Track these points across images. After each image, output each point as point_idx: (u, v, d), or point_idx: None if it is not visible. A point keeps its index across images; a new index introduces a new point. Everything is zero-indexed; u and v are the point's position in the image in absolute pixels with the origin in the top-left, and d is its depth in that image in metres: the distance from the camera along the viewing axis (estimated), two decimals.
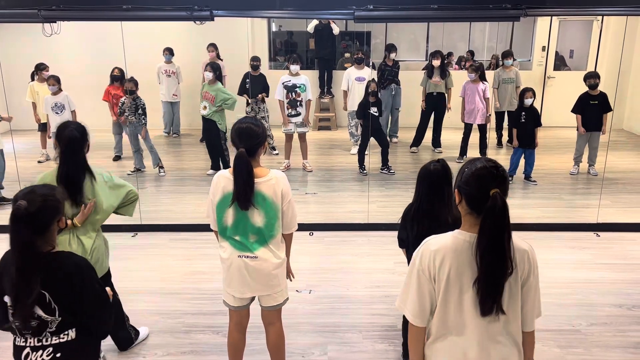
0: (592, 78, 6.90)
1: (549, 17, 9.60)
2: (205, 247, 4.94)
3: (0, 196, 6.11)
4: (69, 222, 2.90)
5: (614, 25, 9.47)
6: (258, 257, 2.80)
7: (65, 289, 2.06)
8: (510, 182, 6.75)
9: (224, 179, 2.78)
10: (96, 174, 3.04)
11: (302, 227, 3.03)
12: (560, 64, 10.40)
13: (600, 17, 9.46)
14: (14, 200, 2.03)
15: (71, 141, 2.92)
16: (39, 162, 7.70)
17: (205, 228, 2.98)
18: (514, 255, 1.83)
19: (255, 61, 7.81)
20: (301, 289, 4.26)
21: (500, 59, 8.34)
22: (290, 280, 3.07)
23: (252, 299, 2.98)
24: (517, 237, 1.88)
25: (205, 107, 6.93)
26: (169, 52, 8.72)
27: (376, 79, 7.77)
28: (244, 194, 2.69)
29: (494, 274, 1.80)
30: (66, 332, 2.11)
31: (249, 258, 2.80)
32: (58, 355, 2.11)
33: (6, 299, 2.07)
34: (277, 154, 8.15)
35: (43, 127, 7.67)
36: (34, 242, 2.00)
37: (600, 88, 6.98)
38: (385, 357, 3.47)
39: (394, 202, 6.13)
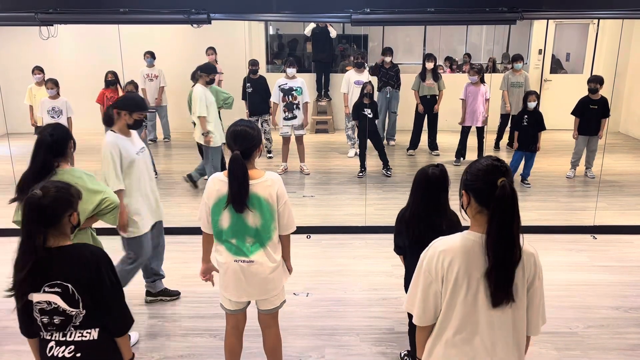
0: (593, 82, 6.89)
1: (545, 20, 9.63)
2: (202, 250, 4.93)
3: None
4: None
5: (610, 29, 9.50)
6: (254, 262, 2.80)
7: (85, 277, 2.10)
8: None
9: (219, 182, 2.78)
10: (67, 174, 2.99)
11: (300, 229, 3.02)
12: (556, 66, 10.43)
13: (596, 20, 9.50)
14: (30, 190, 2.08)
15: (36, 142, 3.03)
16: None
17: (201, 231, 2.98)
18: (523, 253, 1.85)
19: (254, 65, 7.79)
20: (298, 292, 4.26)
21: (507, 61, 8.35)
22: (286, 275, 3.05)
23: (249, 302, 2.97)
24: (524, 240, 1.89)
25: None
26: (151, 55, 8.63)
27: (372, 81, 7.79)
28: (239, 196, 2.69)
29: (505, 264, 1.81)
30: (89, 331, 2.14)
31: (245, 262, 2.79)
32: (78, 355, 2.14)
33: (31, 297, 2.11)
34: (270, 157, 8.12)
35: None
36: (40, 232, 2.05)
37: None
38: None
39: (391, 204, 6.13)
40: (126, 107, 3.65)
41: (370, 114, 6.94)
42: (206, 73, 6.16)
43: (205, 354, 3.54)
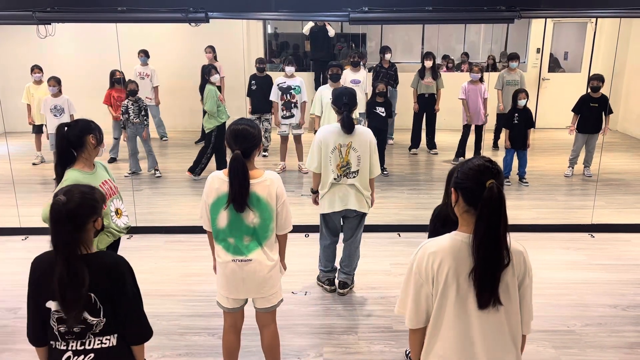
0: (596, 80, 6.87)
1: (544, 19, 9.64)
2: (201, 249, 4.92)
3: None
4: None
5: (607, 27, 9.52)
6: (252, 260, 2.80)
7: (108, 286, 2.06)
8: (508, 184, 6.77)
9: (218, 180, 2.78)
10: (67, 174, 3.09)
11: (298, 228, 3.03)
12: (554, 65, 10.44)
13: (594, 19, 9.51)
14: (54, 196, 2.03)
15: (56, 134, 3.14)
16: (34, 164, 7.66)
17: (200, 230, 2.99)
18: (511, 253, 1.85)
19: (261, 63, 7.82)
20: (297, 290, 4.26)
21: (505, 60, 8.32)
22: (281, 273, 3.06)
23: (247, 300, 2.98)
24: (512, 239, 1.89)
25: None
26: (144, 54, 8.54)
27: (371, 81, 7.79)
28: (240, 195, 2.69)
29: (491, 265, 1.81)
30: (108, 337, 2.10)
31: (243, 262, 2.80)
32: None
33: (49, 304, 2.04)
34: (265, 155, 8.11)
35: (37, 130, 7.63)
36: (76, 240, 2.00)
37: None
38: (381, 358, 3.48)
39: (389, 204, 6.12)
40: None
41: (383, 112, 6.97)
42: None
43: (203, 353, 3.54)
